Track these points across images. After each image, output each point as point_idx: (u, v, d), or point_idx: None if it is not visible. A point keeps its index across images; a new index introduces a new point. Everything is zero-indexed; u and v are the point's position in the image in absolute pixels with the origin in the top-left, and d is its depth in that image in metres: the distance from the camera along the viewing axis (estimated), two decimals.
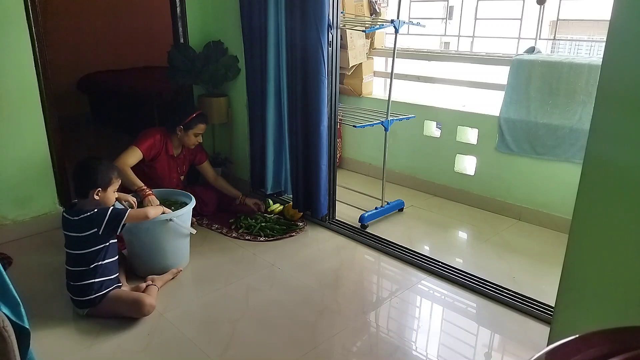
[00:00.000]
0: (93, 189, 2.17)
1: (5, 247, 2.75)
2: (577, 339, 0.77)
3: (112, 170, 2.27)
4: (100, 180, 2.19)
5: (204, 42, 3.46)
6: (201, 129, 3.09)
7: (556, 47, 5.72)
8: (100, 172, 2.20)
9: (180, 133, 3.04)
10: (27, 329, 1.34)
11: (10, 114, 2.78)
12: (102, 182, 2.20)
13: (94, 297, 2.16)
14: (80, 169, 2.22)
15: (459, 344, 2.12)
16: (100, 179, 2.19)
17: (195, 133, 3.06)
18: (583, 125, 2.88)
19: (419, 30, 3.61)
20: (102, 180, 2.20)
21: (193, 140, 3.09)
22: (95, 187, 2.18)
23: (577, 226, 1.50)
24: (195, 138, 3.09)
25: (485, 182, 3.43)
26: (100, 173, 2.20)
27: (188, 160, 3.23)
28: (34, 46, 2.78)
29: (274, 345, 2.05)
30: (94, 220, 2.12)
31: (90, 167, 2.20)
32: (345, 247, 2.93)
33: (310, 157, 2.99)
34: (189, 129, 3.03)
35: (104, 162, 2.30)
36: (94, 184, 2.18)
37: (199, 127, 3.06)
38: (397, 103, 3.55)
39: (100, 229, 2.12)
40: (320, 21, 2.72)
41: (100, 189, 2.19)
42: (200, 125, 3.07)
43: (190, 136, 3.06)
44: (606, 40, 1.35)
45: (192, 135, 3.06)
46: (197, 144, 3.13)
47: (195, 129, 3.05)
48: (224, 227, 3.10)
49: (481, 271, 2.58)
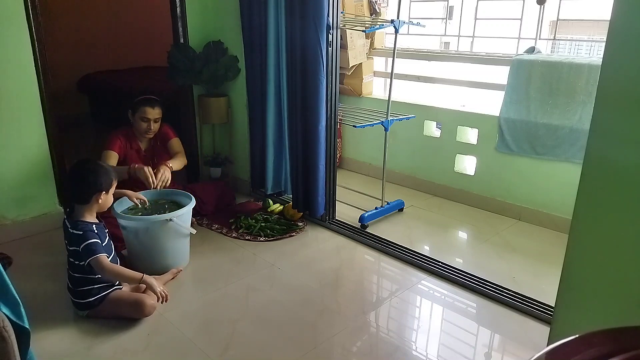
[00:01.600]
0: (97, 193, 2.15)
1: (5, 247, 2.74)
2: (577, 339, 0.77)
3: (110, 170, 2.26)
4: (104, 183, 2.17)
5: (204, 42, 3.46)
6: (147, 113, 2.90)
7: (556, 47, 5.72)
8: (103, 175, 2.17)
9: (132, 119, 2.95)
10: (27, 329, 1.34)
11: (10, 114, 2.77)
12: (106, 184, 2.18)
13: (93, 300, 2.15)
14: (80, 174, 2.16)
15: (459, 344, 2.12)
16: (104, 182, 2.17)
17: (141, 117, 2.91)
18: (583, 125, 2.88)
19: (419, 30, 3.61)
20: (106, 182, 2.18)
21: (143, 127, 2.93)
22: (100, 190, 2.16)
23: (577, 226, 1.50)
24: (145, 124, 2.92)
25: (485, 182, 3.43)
26: (103, 176, 2.17)
27: (161, 150, 3.09)
28: (34, 46, 2.78)
29: (274, 345, 2.05)
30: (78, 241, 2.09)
31: (92, 171, 2.16)
32: (345, 247, 2.93)
33: (309, 157, 2.99)
34: (135, 113, 2.92)
35: (101, 163, 2.29)
36: (98, 188, 2.15)
37: (142, 111, 2.90)
38: (397, 103, 3.55)
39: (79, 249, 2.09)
40: (319, 21, 2.72)
41: (104, 192, 2.18)
42: (144, 107, 2.90)
43: (138, 120, 2.92)
44: (606, 40, 1.35)
45: (139, 120, 2.92)
46: (149, 130, 2.95)
47: (140, 112, 2.90)
48: (224, 227, 3.10)
49: (481, 271, 2.58)
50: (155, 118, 2.95)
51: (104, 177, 2.18)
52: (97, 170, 2.18)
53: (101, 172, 2.18)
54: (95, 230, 2.14)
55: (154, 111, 2.94)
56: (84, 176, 2.15)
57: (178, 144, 3.13)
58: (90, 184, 2.14)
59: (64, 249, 2.20)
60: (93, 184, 2.15)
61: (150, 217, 2.47)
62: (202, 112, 3.56)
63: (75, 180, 2.18)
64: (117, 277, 2.13)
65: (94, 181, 2.15)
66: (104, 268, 2.07)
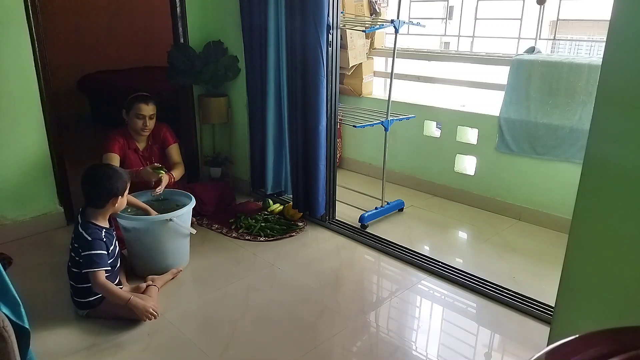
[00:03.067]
0: (114, 197, 2.16)
1: (5, 247, 2.74)
2: (577, 339, 0.77)
3: (124, 173, 2.27)
4: (120, 188, 2.18)
5: (204, 42, 3.46)
6: (141, 110, 2.90)
7: (556, 47, 5.72)
8: (118, 179, 2.17)
9: (126, 118, 2.94)
10: (27, 329, 1.34)
11: (10, 114, 2.77)
12: (122, 188, 2.19)
13: (93, 300, 2.16)
14: (95, 179, 2.15)
15: (459, 344, 2.12)
16: (120, 187, 2.17)
17: (136, 114, 2.90)
18: (583, 125, 2.88)
19: (419, 30, 3.61)
20: (121, 187, 2.19)
21: (138, 124, 2.91)
22: (116, 195, 2.16)
23: (577, 226, 1.50)
24: (140, 121, 2.91)
25: (485, 182, 3.43)
26: (118, 180, 2.17)
27: (158, 149, 3.09)
28: (34, 46, 2.78)
29: (274, 345, 2.05)
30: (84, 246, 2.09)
31: (108, 177, 2.16)
32: (345, 247, 2.93)
33: (309, 157, 2.99)
34: (129, 111, 2.91)
35: (115, 167, 2.30)
36: (115, 193, 2.15)
37: (137, 108, 2.89)
38: (397, 103, 3.55)
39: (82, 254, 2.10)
40: (320, 21, 2.72)
41: (120, 196, 2.18)
42: (138, 104, 2.89)
43: (133, 118, 2.91)
44: (606, 40, 1.35)
45: (134, 117, 2.90)
46: (145, 127, 2.93)
47: (134, 109, 2.89)
48: (224, 227, 3.10)
49: (481, 271, 2.58)
50: (150, 114, 2.93)
51: (120, 181, 2.18)
52: (113, 175, 2.18)
53: (116, 177, 2.18)
54: (104, 238, 2.14)
55: (148, 107, 2.92)
56: (100, 181, 2.15)
57: (177, 152, 3.13)
58: (106, 189, 2.14)
59: (64, 249, 2.21)
60: (109, 189, 2.15)
61: (150, 217, 2.47)
62: (202, 112, 3.56)
63: (90, 185, 2.17)
64: (106, 295, 2.11)
65: (110, 186, 2.15)
66: (97, 284, 2.06)
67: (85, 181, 2.17)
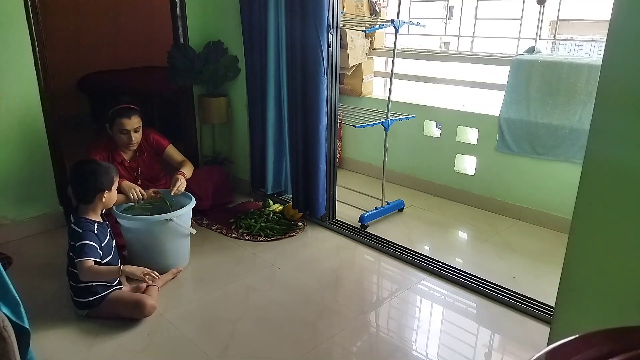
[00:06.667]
0: (100, 192, 2.16)
1: (5, 247, 2.74)
2: (577, 339, 0.77)
3: (111, 168, 2.27)
4: (106, 182, 2.18)
5: (204, 42, 3.46)
6: (124, 124, 2.65)
7: (556, 47, 5.72)
8: (103, 174, 2.18)
9: (110, 132, 2.71)
10: (27, 329, 1.34)
11: (10, 114, 2.77)
12: (107, 183, 2.19)
13: (93, 299, 2.15)
14: (80, 175, 2.17)
15: (459, 344, 2.12)
16: (105, 181, 2.18)
17: (119, 130, 2.66)
18: (583, 125, 2.88)
19: (419, 30, 3.61)
20: (107, 181, 2.19)
21: (123, 139, 2.68)
22: (102, 190, 2.17)
23: (577, 226, 1.50)
24: (124, 136, 2.67)
25: (485, 182, 3.43)
26: (103, 175, 2.18)
27: (149, 159, 2.90)
28: (34, 46, 2.78)
29: (274, 345, 2.05)
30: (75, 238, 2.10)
31: (92, 171, 2.16)
32: (345, 247, 2.93)
33: (309, 157, 2.99)
34: (112, 126, 2.68)
35: (100, 162, 2.29)
36: (100, 188, 2.16)
37: (119, 123, 2.65)
38: (397, 103, 3.55)
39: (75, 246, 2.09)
40: (320, 21, 2.72)
41: (107, 191, 2.18)
42: (120, 120, 2.64)
43: (117, 134, 2.68)
44: (606, 40, 1.35)
45: (117, 133, 2.67)
46: (131, 142, 2.70)
47: (116, 124, 2.66)
48: (224, 227, 3.10)
49: (481, 271, 2.58)
50: (135, 128, 2.71)
51: (105, 176, 2.19)
52: (98, 170, 2.18)
53: (101, 172, 2.19)
54: (96, 230, 2.14)
55: (132, 121, 2.68)
56: (85, 177, 2.16)
57: (176, 151, 2.96)
58: (92, 184, 2.15)
59: (64, 249, 2.21)
60: (95, 185, 2.16)
61: (150, 217, 2.47)
62: (202, 112, 3.56)
63: (76, 181, 2.19)
64: (95, 276, 2.10)
65: (95, 182, 2.16)
66: (84, 271, 2.05)
67: (72, 177, 2.20)
